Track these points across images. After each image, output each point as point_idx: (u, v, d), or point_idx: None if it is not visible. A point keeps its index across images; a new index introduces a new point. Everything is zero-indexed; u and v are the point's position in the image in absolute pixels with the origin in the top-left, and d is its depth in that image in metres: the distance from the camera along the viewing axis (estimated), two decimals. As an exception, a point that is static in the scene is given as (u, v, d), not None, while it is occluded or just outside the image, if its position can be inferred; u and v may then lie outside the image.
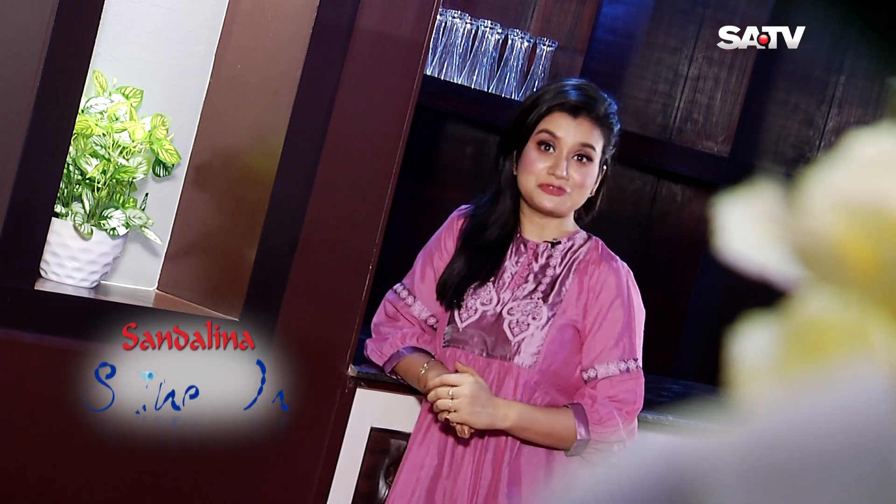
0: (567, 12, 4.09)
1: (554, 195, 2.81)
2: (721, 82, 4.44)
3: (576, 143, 2.81)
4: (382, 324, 2.97)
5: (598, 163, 2.85)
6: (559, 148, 2.81)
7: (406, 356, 2.90)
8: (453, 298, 2.87)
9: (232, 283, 2.89)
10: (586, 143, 2.82)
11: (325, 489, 2.99)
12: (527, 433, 2.78)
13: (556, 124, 2.82)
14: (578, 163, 2.82)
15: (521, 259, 2.89)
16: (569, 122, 2.82)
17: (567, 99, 2.84)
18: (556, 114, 2.83)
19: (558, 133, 2.81)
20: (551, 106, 2.83)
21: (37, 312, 2.64)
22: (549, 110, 2.83)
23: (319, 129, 2.88)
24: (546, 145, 2.82)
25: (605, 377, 2.80)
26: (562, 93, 2.85)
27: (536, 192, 2.81)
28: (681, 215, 4.52)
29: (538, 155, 2.82)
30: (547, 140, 2.82)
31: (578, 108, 2.83)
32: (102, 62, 2.83)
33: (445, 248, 2.92)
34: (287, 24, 2.88)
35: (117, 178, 2.78)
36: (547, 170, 2.80)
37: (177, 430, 2.82)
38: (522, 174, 2.83)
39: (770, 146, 4.60)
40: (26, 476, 2.68)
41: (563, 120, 2.82)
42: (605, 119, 2.85)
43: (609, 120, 2.87)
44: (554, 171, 2.79)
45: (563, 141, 2.81)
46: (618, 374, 2.80)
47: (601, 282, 2.84)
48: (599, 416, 2.77)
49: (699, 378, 4.20)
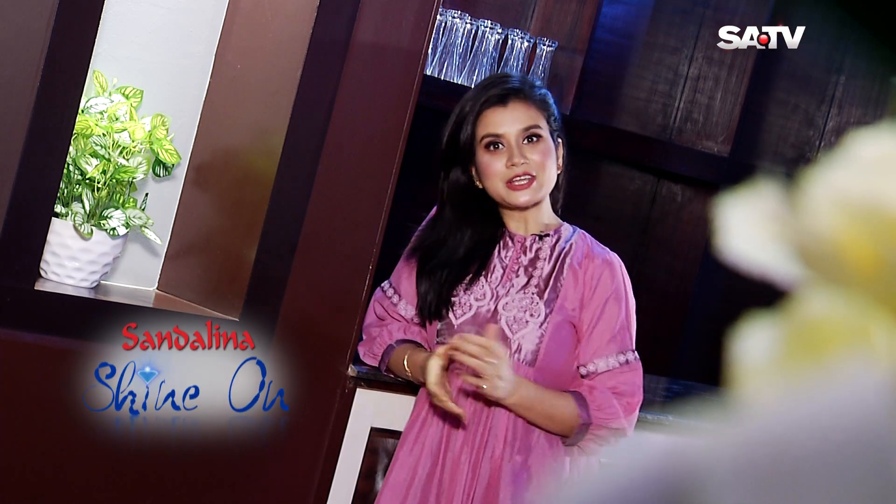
0: (567, 12, 4.09)
1: (524, 188, 2.81)
2: (721, 82, 4.44)
3: (518, 129, 2.82)
4: (372, 325, 2.98)
5: (550, 137, 2.85)
6: (506, 141, 2.82)
7: (395, 349, 2.91)
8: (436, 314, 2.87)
9: (232, 283, 2.89)
10: (528, 126, 2.82)
11: (325, 489, 2.99)
12: (530, 412, 2.78)
13: (492, 122, 2.83)
14: (530, 144, 2.82)
15: (510, 253, 2.89)
16: (502, 114, 2.83)
17: (489, 94, 2.84)
18: (486, 112, 2.83)
19: (498, 130, 2.82)
20: (479, 109, 2.84)
21: (37, 312, 2.64)
22: (480, 114, 2.83)
23: (319, 129, 2.88)
24: (493, 145, 2.82)
25: (604, 371, 2.81)
26: (481, 93, 2.86)
27: (506, 192, 2.82)
28: (681, 215, 4.52)
29: (491, 157, 2.83)
30: (492, 141, 2.83)
31: (504, 96, 2.84)
32: (102, 62, 2.83)
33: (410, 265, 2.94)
34: (287, 24, 2.88)
35: (117, 178, 2.78)
36: (505, 166, 2.80)
37: (177, 430, 2.82)
38: (486, 181, 2.84)
39: (770, 146, 4.60)
40: (26, 476, 2.68)
41: (496, 115, 2.83)
42: (533, 96, 2.86)
43: (538, 95, 2.87)
44: (511, 162, 2.80)
45: (505, 134, 2.82)
46: (617, 366, 2.81)
47: (596, 276, 2.84)
48: (598, 403, 2.78)
49: (699, 378, 4.20)
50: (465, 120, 2.84)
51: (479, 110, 2.83)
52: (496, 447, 2.82)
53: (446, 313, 2.86)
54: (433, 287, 2.87)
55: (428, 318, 2.88)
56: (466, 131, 2.84)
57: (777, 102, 4.58)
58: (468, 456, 2.82)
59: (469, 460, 2.82)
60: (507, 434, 2.83)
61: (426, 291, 2.88)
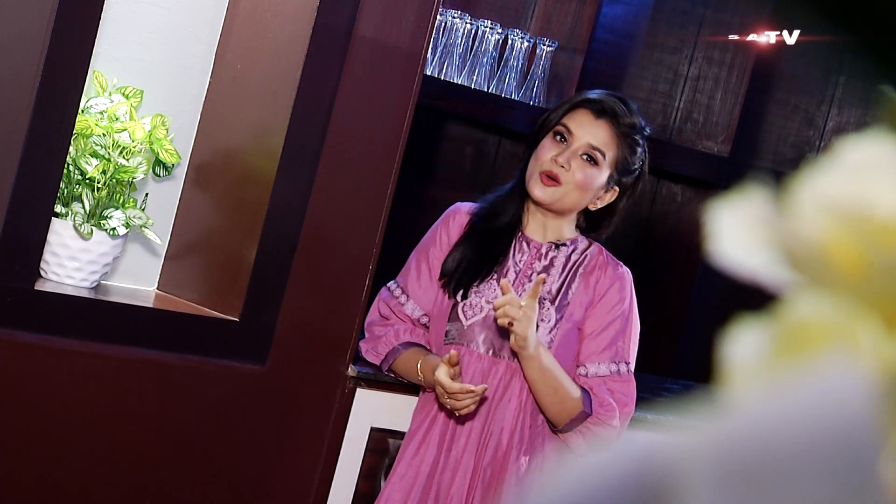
0: (567, 12, 4.09)
1: (547, 185, 2.81)
2: (721, 82, 4.44)
3: (587, 141, 2.82)
4: (375, 323, 2.98)
5: (607, 173, 2.84)
6: (571, 142, 2.83)
7: (402, 352, 2.91)
8: (459, 287, 2.86)
9: (232, 283, 2.89)
10: (597, 146, 2.82)
11: (325, 489, 2.99)
12: (541, 379, 2.77)
13: (575, 120, 2.85)
14: (584, 162, 2.82)
15: (524, 258, 2.90)
16: (589, 120, 2.84)
17: (594, 98, 2.87)
18: (579, 110, 2.86)
19: (573, 127, 2.83)
20: (578, 102, 2.87)
21: (37, 312, 2.65)
22: (575, 106, 2.86)
23: (319, 129, 2.88)
24: (560, 136, 2.84)
25: (594, 376, 2.82)
26: (590, 94, 2.90)
27: (534, 178, 2.83)
28: (681, 215, 4.52)
29: (550, 143, 2.84)
30: (562, 132, 2.84)
31: (603, 111, 2.84)
32: (102, 62, 2.84)
33: (442, 242, 2.93)
34: (287, 24, 2.88)
35: (117, 178, 2.78)
36: (552, 157, 2.81)
37: (177, 430, 2.82)
38: (532, 162, 2.85)
39: (770, 146, 4.60)
40: (26, 476, 2.68)
41: (584, 117, 2.85)
42: (627, 132, 2.85)
43: (632, 135, 2.86)
44: (556, 158, 2.80)
45: (576, 136, 2.82)
46: (608, 374, 2.82)
47: (606, 286, 2.86)
48: (600, 400, 2.80)
49: (699, 378, 4.20)
50: (562, 105, 2.88)
51: (577, 104, 2.86)
52: (499, 447, 2.83)
53: (464, 296, 2.85)
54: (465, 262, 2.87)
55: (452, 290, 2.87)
56: (557, 113, 2.86)
57: (777, 102, 4.58)
58: (471, 455, 2.83)
59: (472, 460, 2.83)
60: (512, 434, 2.83)
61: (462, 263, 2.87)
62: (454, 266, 2.88)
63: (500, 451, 2.83)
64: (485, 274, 2.89)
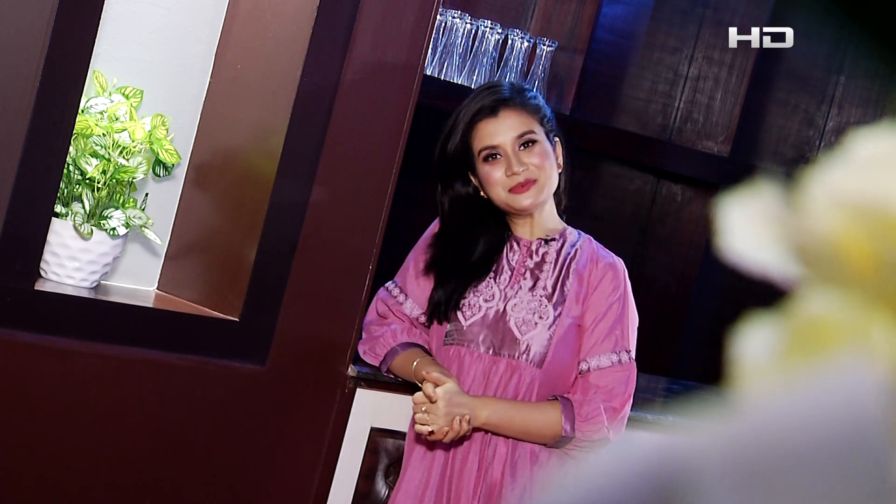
0: (567, 12, 4.09)
1: (526, 191, 2.82)
2: (721, 82, 4.44)
3: (512, 137, 2.83)
4: (373, 323, 2.99)
5: (546, 139, 2.86)
6: (502, 150, 2.83)
7: (400, 353, 2.92)
8: (444, 317, 2.89)
9: (232, 283, 2.89)
10: (522, 133, 2.83)
11: (325, 489, 2.99)
12: (502, 429, 2.82)
13: (486, 134, 2.84)
14: (526, 150, 2.84)
15: (517, 256, 2.92)
16: (495, 124, 2.84)
17: (479, 106, 2.85)
18: (479, 125, 2.85)
19: (493, 142, 2.83)
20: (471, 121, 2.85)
21: (37, 312, 2.64)
22: (472, 127, 2.84)
23: (319, 129, 2.88)
24: (491, 156, 2.84)
25: (596, 369, 2.83)
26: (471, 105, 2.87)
27: (510, 198, 2.84)
28: (681, 215, 4.52)
29: (491, 167, 2.84)
30: (489, 153, 2.84)
31: (495, 107, 2.85)
32: (102, 62, 2.83)
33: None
34: (287, 24, 2.88)
35: (117, 178, 2.78)
36: (505, 174, 2.82)
37: (177, 430, 2.82)
38: (490, 191, 2.86)
39: (770, 146, 4.60)
40: (26, 476, 2.68)
41: (489, 126, 2.84)
42: (523, 102, 2.87)
43: (528, 99, 2.88)
44: (511, 171, 2.81)
45: (501, 144, 2.83)
46: (609, 365, 2.83)
47: (599, 277, 2.88)
48: (586, 414, 2.80)
49: (699, 378, 4.20)
50: (457, 133, 2.86)
51: (472, 123, 2.85)
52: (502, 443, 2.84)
53: (455, 317, 2.88)
54: (445, 292, 2.89)
55: (437, 320, 2.90)
56: (461, 145, 2.85)
57: (777, 102, 4.58)
58: (476, 455, 2.84)
59: (477, 458, 2.84)
60: None
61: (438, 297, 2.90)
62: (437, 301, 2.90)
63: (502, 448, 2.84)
64: (480, 277, 2.90)
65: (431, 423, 2.76)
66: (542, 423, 2.81)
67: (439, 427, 2.75)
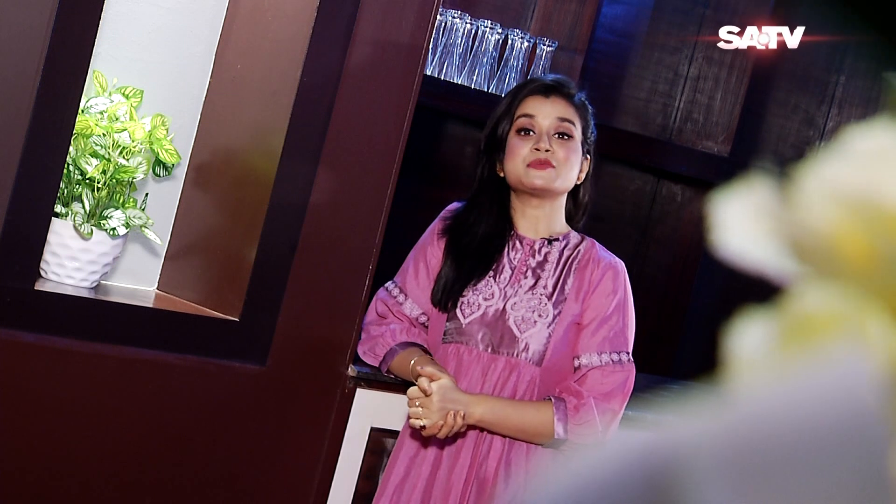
0: (567, 12, 4.09)
1: (541, 170, 2.84)
2: (721, 82, 4.44)
3: (553, 119, 2.89)
4: (372, 323, 2.99)
5: (580, 142, 2.88)
6: (538, 128, 2.89)
7: (399, 353, 2.92)
8: (448, 302, 2.89)
9: (232, 283, 2.89)
10: (563, 118, 2.89)
11: (325, 489, 2.99)
12: (496, 427, 2.82)
13: (531, 106, 2.90)
14: (560, 139, 2.87)
15: (518, 255, 2.92)
16: (542, 102, 2.91)
17: (534, 84, 2.94)
18: (528, 99, 2.92)
19: (534, 112, 2.89)
20: (523, 93, 2.93)
21: (37, 312, 2.64)
22: (522, 98, 2.91)
23: (319, 129, 2.88)
24: (525, 130, 2.88)
25: (594, 367, 2.83)
26: (530, 81, 2.98)
27: (524, 172, 2.86)
28: (681, 215, 4.52)
29: (520, 140, 2.89)
30: (525, 125, 2.89)
31: (549, 88, 2.92)
32: (102, 62, 2.83)
33: (437, 245, 2.95)
34: (287, 24, 2.88)
35: (117, 178, 2.78)
36: (530, 149, 2.84)
37: (177, 430, 2.82)
38: (509, 162, 2.88)
39: (770, 146, 4.60)
40: (26, 476, 2.68)
41: (537, 101, 2.91)
42: (578, 104, 2.94)
43: (582, 105, 2.95)
44: (537, 146, 2.84)
45: (539, 120, 2.88)
46: (610, 364, 2.84)
47: (599, 277, 2.88)
48: (580, 417, 2.80)
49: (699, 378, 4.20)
50: (508, 107, 2.92)
51: (523, 97, 2.91)
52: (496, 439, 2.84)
53: (453, 307, 2.88)
54: (447, 279, 2.90)
55: (438, 307, 2.90)
56: (507, 119, 2.91)
57: (777, 102, 4.58)
58: (469, 450, 2.84)
59: (470, 454, 2.84)
60: None
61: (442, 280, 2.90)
62: (441, 288, 2.90)
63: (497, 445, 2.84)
64: (480, 274, 2.90)
65: (425, 417, 2.76)
66: (536, 423, 2.81)
67: (433, 422, 2.76)
